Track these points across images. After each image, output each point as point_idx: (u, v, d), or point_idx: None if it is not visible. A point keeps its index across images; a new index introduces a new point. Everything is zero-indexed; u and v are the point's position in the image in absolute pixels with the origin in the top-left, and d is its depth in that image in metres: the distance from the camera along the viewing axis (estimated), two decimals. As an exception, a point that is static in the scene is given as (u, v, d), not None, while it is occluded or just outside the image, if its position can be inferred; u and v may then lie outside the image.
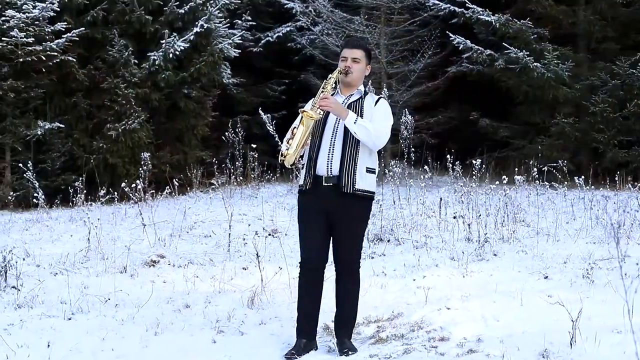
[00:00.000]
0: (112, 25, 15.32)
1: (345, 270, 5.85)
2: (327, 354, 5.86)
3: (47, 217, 12.16)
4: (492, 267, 7.90)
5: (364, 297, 7.16)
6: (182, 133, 16.28)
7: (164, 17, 15.53)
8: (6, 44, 13.69)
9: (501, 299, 6.71)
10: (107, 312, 6.92)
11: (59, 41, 14.13)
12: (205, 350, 6.01)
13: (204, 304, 7.09)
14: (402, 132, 12.70)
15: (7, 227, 11.45)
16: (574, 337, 5.43)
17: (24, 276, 7.93)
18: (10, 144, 14.11)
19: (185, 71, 15.55)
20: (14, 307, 6.98)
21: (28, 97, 14.27)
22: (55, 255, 9.00)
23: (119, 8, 15.24)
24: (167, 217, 11.18)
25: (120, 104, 14.79)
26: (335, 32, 18.13)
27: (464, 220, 9.45)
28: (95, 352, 5.98)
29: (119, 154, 14.81)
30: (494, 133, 17.08)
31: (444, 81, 18.02)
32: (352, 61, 5.87)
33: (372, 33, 17.81)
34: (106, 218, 11.67)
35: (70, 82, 14.91)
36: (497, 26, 15.91)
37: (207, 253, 9.09)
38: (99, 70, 15.21)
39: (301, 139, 5.75)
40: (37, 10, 14.02)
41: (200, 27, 15.40)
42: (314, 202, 5.81)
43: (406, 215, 10.63)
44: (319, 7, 18.29)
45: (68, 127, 15.01)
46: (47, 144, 14.66)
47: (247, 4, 19.55)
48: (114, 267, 8.33)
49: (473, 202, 10.58)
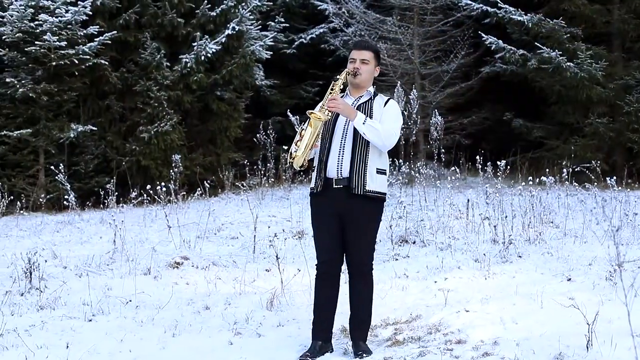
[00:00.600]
0: (145, 28, 15.42)
1: (357, 272, 5.83)
2: (342, 356, 5.85)
3: (79, 219, 12.28)
4: (515, 269, 7.83)
5: (384, 299, 7.18)
6: (215, 135, 16.36)
7: (196, 20, 15.61)
8: (39, 48, 13.84)
9: (521, 301, 6.64)
10: (128, 313, 6.96)
11: (92, 44, 14.27)
12: (222, 351, 6.03)
13: (224, 306, 7.12)
14: (432, 133, 12.64)
15: (38, 229, 11.59)
16: (590, 341, 5.35)
17: (49, 277, 8.04)
18: (44, 146, 14.28)
19: (217, 73, 15.63)
20: (37, 309, 7.05)
21: (61, 100, 14.42)
22: (82, 257, 9.09)
23: (151, 11, 15.35)
24: (196, 219, 11.23)
25: (152, 106, 14.92)
26: (368, 33, 18.09)
27: (490, 221, 9.37)
28: (113, 354, 6.03)
29: (152, 156, 14.92)
30: (527, 133, 16.91)
31: (477, 81, 17.87)
32: (360, 62, 5.85)
33: (404, 34, 17.74)
34: (136, 220, 11.78)
35: (103, 85, 15.06)
36: (529, 26, 15.76)
37: (232, 255, 9.12)
38: (132, 73, 15.34)
39: (309, 141, 5.74)
40: (69, 14, 14.16)
41: (231, 30, 15.45)
42: (325, 204, 5.80)
43: (434, 217, 10.57)
44: (352, 8, 18.27)
45: (101, 130, 15.17)
46: (81, 147, 14.82)
47: (281, 5, 19.60)
48: (138, 268, 8.38)
49: (503, 203, 10.51)
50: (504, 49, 16.09)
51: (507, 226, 9.26)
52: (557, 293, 6.82)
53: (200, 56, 15.10)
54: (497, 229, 9.10)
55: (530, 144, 17.07)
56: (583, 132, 15.85)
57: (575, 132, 16.17)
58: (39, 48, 13.85)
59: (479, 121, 18.22)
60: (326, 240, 5.83)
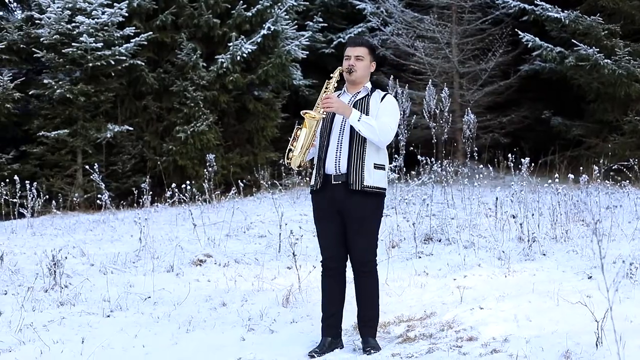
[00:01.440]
0: (181, 29, 15.58)
1: (360, 268, 5.81)
2: (351, 353, 5.85)
3: (113, 218, 12.42)
4: (537, 266, 7.75)
5: (401, 297, 7.17)
6: (252, 135, 16.44)
7: (232, 20, 15.71)
8: (76, 49, 14.04)
9: (537, 299, 6.56)
10: (145, 309, 7.03)
11: (128, 45, 14.45)
12: (233, 347, 6.05)
13: (241, 302, 7.15)
14: (465, 131, 12.56)
15: (72, 228, 11.73)
16: (599, 338, 5.28)
17: (74, 274, 8.18)
18: (82, 146, 14.47)
19: (253, 73, 15.71)
20: (57, 305, 7.15)
21: (98, 100, 14.63)
22: (110, 254, 9.19)
23: (187, 12, 15.50)
24: (227, 218, 11.27)
25: (189, 106, 15.07)
26: (406, 32, 18.04)
27: (516, 219, 9.28)
28: (127, 349, 6.09)
29: (188, 156, 15.06)
30: (566, 132, 16.74)
31: (516, 80, 17.75)
32: (355, 59, 5.83)
33: (442, 32, 17.67)
34: (169, 219, 11.88)
35: (140, 85, 15.25)
36: (566, 23, 15.60)
37: (257, 253, 9.16)
38: (169, 73, 15.52)
39: (305, 141, 5.76)
40: (105, 16, 14.35)
41: (267, 29, 15.53)
42: (325, 201, 5.80)
43: (463, 215, 10.50)
44: (390, 7, 18.23)
45: (138, 130, 15.36)
46: (118, 147, 15.02)
47: (319, 5, 19.62)
48: (162, 266, 8.46)
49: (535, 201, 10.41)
50: (540, 46, 15.96)
51: (535, 224, 9.17)
52: (575, 291, 6.72)
53: (236, 56, 15.20)
54: (523, 226, 9.00)
55: (569, 142, 16.90)
56: (622, 130, 15.65)
57: (614, 129, 15.98)
58: (76, 49, 14.05)
59: (518, 120, 18.11)
60: (328, 237, 5.84)
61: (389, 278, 7.66)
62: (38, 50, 14.37)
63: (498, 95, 18.03)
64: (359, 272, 5.82)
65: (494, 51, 17.37)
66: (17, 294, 7.43)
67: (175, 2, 15.47)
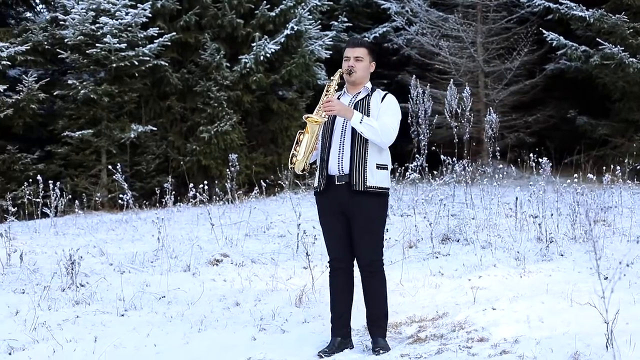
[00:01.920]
0: (205, 30, 15.63)
1: (366, 268, 5.81)
2: (360, 353, 5.85)
3: (136, 217, 12.48)
4: (553, 267, 7.71)
5: (414, 297, 7.16)
6: (276, 134, 16.46)
7: (255, 20, 15.74)
8: (100, 50, 14.13)
9: (551, 299, 6.53)
10: (159, 309, 7.07)
11: (151, 46, 14.53)
12: (244, 347, 6.07)
13: (254, 302, 7.18)
14: (487, 131, 12.50)
15: (95, 227, 11.80)
16: (609, 340, 5.24)
17: (91, 274, 8.24)
18: (106, 147, 14.56)
19: (277, 73, 15.73)
20: (72, 304, 7.20)
21: (122, 101, 14.72)
22: (129, 254, 9.23)
23: (211, 12, 15.55)
24: (249, 217, 11.30)
25: (212, 106, 15.12)
26: (431, 31, 17.98)
27: (534, 219, 9.22)
28: (139, 348, 6.13)
29: (212, 156, 15.11)
30: (592, 131, 16.62)
31: (542, 79, 17.64)
32: (354, 60, 5.85)
33: (467, 31, 17.60)
34: (191, 218, 11.91)
35: (164, 85, 15.31)
36: (591, 21, 15.47)
37: (275, 252, 9.17)
38: (192, 73, 15.58)
39: (308, 144, 5.78)
40: (129, 17, 14.43)
41: (290, 30, 15.54)
42: (329, 202, 5.83)
43: (483, 215, 10.44)
44: (415, 6, 18.19)
45: (163, 130, 15.44)
46: (142, 147, 15.10)
47: (344, 5, 19.63)
48: (179, 265, 8.50)
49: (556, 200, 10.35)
50: (565, 45, 15.85)
51: (555, 224, 9.12)
52: (591, 292, 6.66)
53: (260, 56, 15.22)
54: (541, 227, 8.93)
55: (595, 142, 16.77)
56: (648, 130, 15.53)
57: (639, 129, 15.82)
58: (99, 50, 14.14)
59: (544, 119, 18.01)
60: (334, 237, 5.87)
61: (403, 278, 7.66)
62: (63, 51, 14.48)
63: (523, 94, 17.95)
64: (365, 272, 5.82)
65: (519, 50, 17.26)
66: (35, 293, 7.50)
67: (199, 2, 15.52)
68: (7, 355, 6.02)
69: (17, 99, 14.10)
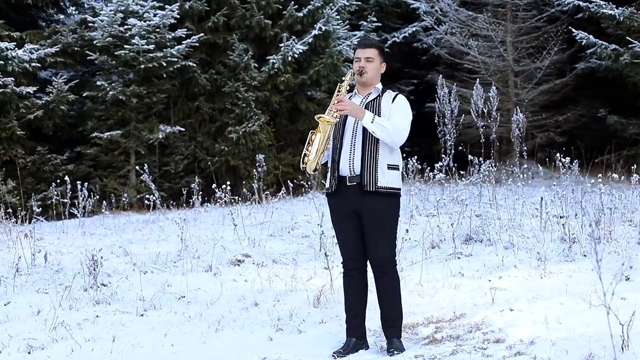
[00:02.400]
0: (233, 30, 15.70)
1: (379, 269, 5.79)
2: (376, 354, 5.83)
3: (163, 217, 12.55)
4: (574, 268, 7.62)
5: (433, 298, 7.13)
6: (304, 135, 16.36)
7: (283, 21, 15.78)
8: (128, 52, 14.24)
9: (570, 301, 6.46)
10: (178, 309, 7.10)
11: (179, 47, 14.61)
12: (259, 347, 6.07)
13: (273, 302, 7.18)
14: (514, 130, 12.41)
15: (122, 228, 11.90)
16: (625, 342, 5.18)
17: (114, 274, 8.31)
18: (134, 147, 14.67)
19: (305, 74, 15.76)
20: (93, 303, 7.25)
21: (150, 102, 14.82)
22: (153, 254, 9.29)
23: (239, 13, 15.62)
24: (275, 217, 11.33)
25: (240, 107, 15.16)
26: (460, 30, 17.90)
27: (559, 220, 9.14)
28: (155, 347, 6.17)
29: (240, 156, 15.17)
30: (622, 130, 16.45)
31: (572, 78, 17.49)
32: (365, 61, 5.84)
33: (496, 30, 17.50)
34: (217, 219, 11.96)
35: (193, 86, 15.40)
36: (621, 20, 15.32)
37: (297, 253, 9.19)
38: (221, 74, 15.64)
39: (320, 145, 5.78)
40: (157, 18, 14.53)
41: (318, 30, 15.55)
42: (341, 203, 5.82)
43: (508, 215, 10.37)
44: (444, 6, 18.12)
45: (191, 131, 15.54)
46: (171, 147, 15.20)
47: (374, 5, 19.62)
48: (202, 266, 8.54)
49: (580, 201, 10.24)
50: (595, 44, 15.70)
51: (578, 224, 9.03)
52: (611, 293, 6.60)
53: (287, 57, 15.25)
54: (565, 227, 8.85)
55: (625, 141, 16.60)
56: (679, 129, 15.35)
57: (671, 128, 15.69)
58: (128, 52, 14.25)
59: (574, 118, 17.86)
60: (347, 238, 5.87)
61: (423, 279, 7.63)
62: (92, 53, 14.61)
63: (554, 93, 17.82)
64: (378, 273, 5.80)
65: (548, 49, 17.12)
66: (57, 292, 7.55)
67: (227, 3, 15.60)
68: (27, 354, 6.08)
69: (47, 100, 14.25)
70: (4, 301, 7.46)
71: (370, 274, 5.96)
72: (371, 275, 5.94)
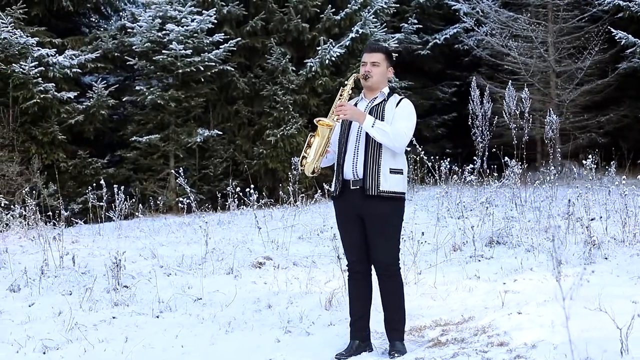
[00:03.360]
0: (271, 34, 15.83)
1: (382, 273, 5.82)
2: (377, 356, 5.87)
3: (199, 220, 12.69)
4: (591, 270, 7.58)
5: (445, 300, 7.15)
6: (342, 138, 16.49)
7: (321, 24, 15.87)
8: (166, 57, 14.45)
9: (580, 304, 6.43)
10: (193, 310, 7.22)
11: (217, 52, 14.79)
12: (267, 349, 6.16)
13: (286, 305, 7.26)
14: (547, 132, 12.34)
15: (157, 230, 12.09)
16: (624, 345, 5.16)
17: (138, 276, 8.45)
18: (173, 151, 14.88)
19: (342, 76, 15.80)
20: (112, 305, 7.41)
21: (189, 106, 15.01)
22: (180, 257, 9.42)
23: (277, 17, 15.73)
24: (308, 220, 11.43)
25: (279, 110, 15.28)
26: (500, 31, 17.81)
27: (582, 222, 9.07)
28: (166, 349, 6.28)
29: (279, 159, 15.29)
30: (665, 131, 16.24)
31: (614, 78, 17.27)
32: (371, 65, 5.89)
33: (536, 31, 17.38)
34: (250, 222, 12.07)
35: (232, 90, 15.56)
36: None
37: (321, 255, 9.26)
38: (259, 78, 15.77)
39: (318, 148, 5.82)
40: (195, 23, 14.72)
41: (355, 33, 15.60)
42: (345, 207, 5.87)
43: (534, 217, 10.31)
44: (485, 7, 18.04)
45: (231, 134, 15.69)
46: (210, 151, 15.38)
47: (415, 6, 19.61)
48: (223, 268, 8.66)
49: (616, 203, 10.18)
50: (634, 44, 15.51)
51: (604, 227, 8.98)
52: (623, 296, 6.57)
53: (325, 60, 15.32)
54: (589, 229, 8.78)
55: (669, 142, 16.39)
56: None
57: None
58: (166, 57, 14.46)
59: (617, 119, 17.62)
60: (350, 242, 5.92)
61: (439, 282, 7.66)
62: (131, 58, 14.86)
63: (596, 94, 17.59)
64: (381, 277, 5.84)
65: (590, 49, 16.94)
66: (80, 294, 7.73)
67: (266, 7, 15.74)
68: (42, 355, 6.24)
69: (87, 105, 14.54)
70: (29, 302, 7.67)
71: (375, 277, 6.01)
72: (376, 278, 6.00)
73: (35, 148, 14.24)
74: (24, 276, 8.34)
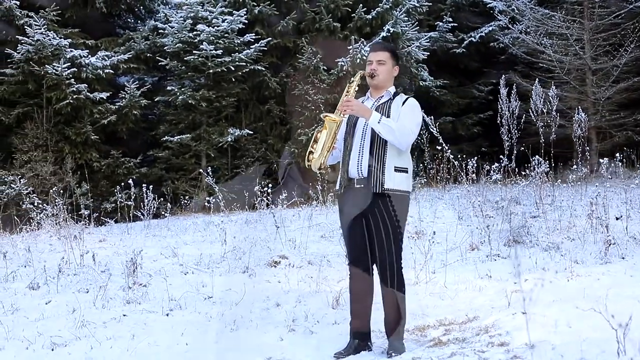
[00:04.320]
0: (303, 34, 15.87)
1: (384, 272, 5.81)
2: (376, 356, 5.87)
3: (227, 219, 12.77)
4: (604, 270, 7.51)
5: (453, 300, 7.14)
6: (373, 136, 16.49)
7: (352, 24, 15.88)
8: (198, 57, 14.57)
9: (585, 304, 6.34)
10: (203, 309, 7.29)
11: (248, 52, 14.87)
12: (269, 347, 6.20)
13: (294, 303, 7.30)
14: (576, 130, 12.21)
15: (184, 229, 12.18)
16: (621, 346, 5.11)
17: (155, 274, 8.53)
18: (205, 150, 14.99)
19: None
20: (124, 303, 7.51)
21: (220, 106, 15.12)
22: (201, 255, 9.50)
23: (309, 17, 15.77)
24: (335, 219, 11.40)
25: (310, 109, 15.31)
26: (536, 29, 17.65)
27: (601, 221, 8.98)
28: (170, 346, 6.35)
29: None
30: (703, 129, 15.97)
31: (652, 75, 17.06)
32: (377, 64, 5.90)
33: (571, 28, 17.20)
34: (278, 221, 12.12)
35: (264, 89, 15.63)
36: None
37: (339, 254, 9.24)
38: (290, 77, 15.82)
39: (325, 143, 5.84)
40: (225, 24, 14.82)
41: (387, 32, 15.58)
42: (349, 204, 5.89)
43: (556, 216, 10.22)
44: (520, 4, 17.91)
45: (262, 133, 15.77)
46: (242, 150, 15.46)
47: (450, 5, 19.54)
48: (239, 267, 8.71)
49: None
50: (668, 40, 15.30)
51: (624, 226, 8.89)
52: (632, 297, 6.50)
53: (356, 59, 15.32)
54: (608, 229, 8.70)
55: None
56: None
57: None
58: (197, 57, 14.59)
59: (655, 117, 17.39)
60: (353, 240, 5.94)
61: (450, 281, 7.65)
62: (162, 59, 15.01)
63: (633, 91, 17.36)
64: (384, 275, 5.83)
65: (626, 46, 16.71)
66: (96, 292, 7.85)
67: (297, 7, 15.79)
68: (50, 351, 6.35)
69: (120, 105, 14.72)
70: (45, 300, 7.80)
71: (376, 276, 6.02)
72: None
73: (69, 148, 14.46)
74: (43, 274, 8.49)
